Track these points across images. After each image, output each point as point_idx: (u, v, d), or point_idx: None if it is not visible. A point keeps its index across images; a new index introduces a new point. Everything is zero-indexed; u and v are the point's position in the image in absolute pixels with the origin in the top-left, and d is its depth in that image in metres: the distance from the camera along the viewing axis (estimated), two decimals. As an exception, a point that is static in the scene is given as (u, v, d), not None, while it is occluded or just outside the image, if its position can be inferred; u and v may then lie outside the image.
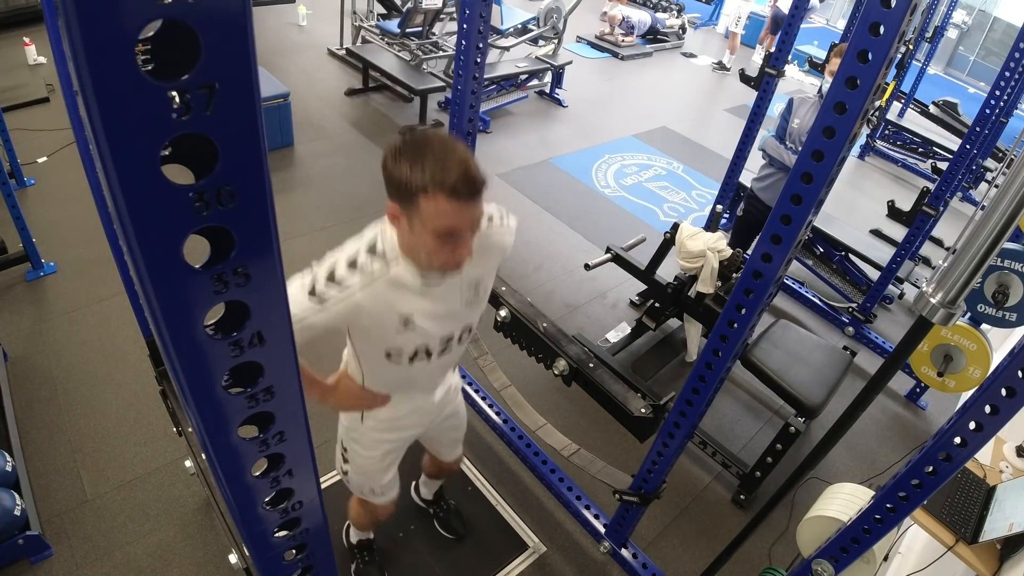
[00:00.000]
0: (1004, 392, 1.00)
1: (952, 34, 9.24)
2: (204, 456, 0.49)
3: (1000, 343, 3.14)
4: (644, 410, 1.87)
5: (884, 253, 3.75)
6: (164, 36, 0.29)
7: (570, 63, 6.16)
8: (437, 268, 1.19)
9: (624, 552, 2.26)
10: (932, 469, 1.13)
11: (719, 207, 4.11)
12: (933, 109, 6.39)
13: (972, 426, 1.05)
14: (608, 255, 3.19)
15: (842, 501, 1.52)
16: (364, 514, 1.85)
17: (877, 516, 1.25)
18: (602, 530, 2.31)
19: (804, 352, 2.72)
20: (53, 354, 2.73)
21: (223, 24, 0.30)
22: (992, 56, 9.49)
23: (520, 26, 6.18)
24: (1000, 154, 4.96)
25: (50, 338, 2.81)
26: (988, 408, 1.03)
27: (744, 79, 3.80)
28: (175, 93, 0.30)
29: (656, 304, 3.07)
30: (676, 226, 2.95)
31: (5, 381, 2.51)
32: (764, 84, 3.52)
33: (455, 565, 2.22)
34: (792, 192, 1.18)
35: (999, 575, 1.75)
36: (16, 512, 1.98)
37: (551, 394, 2.94)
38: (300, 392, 0.48)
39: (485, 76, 2.97)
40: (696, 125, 6.40)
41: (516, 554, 2.29)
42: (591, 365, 2.00)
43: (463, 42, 2.06)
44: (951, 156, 3.54)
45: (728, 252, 2.80)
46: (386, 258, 1.21)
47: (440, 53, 5.62)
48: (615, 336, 3.37)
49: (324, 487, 2.34)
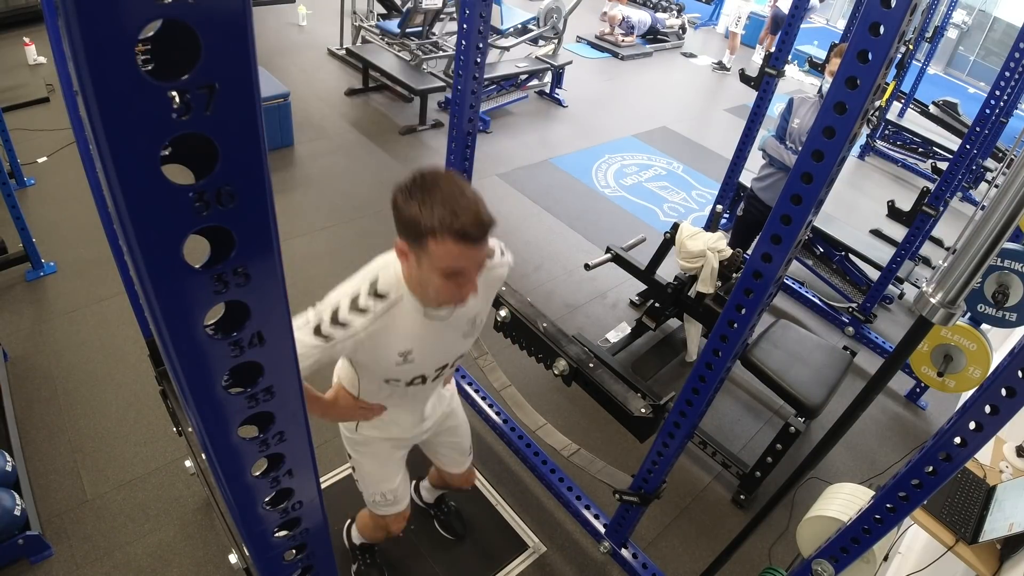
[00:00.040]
0: (1004, 392, 1.00)
1: (952, 34, 9.25)
2: (204, 456, 0.49)
3: (1000, 343, 3.14)
4: (644, 410, 1.88)
5: (884, 253, 3.75)
6: (164, 36, 0.29)
7: (570, 63, 6.17)
8: (442, 304, 1.25)
9: (624, 552, 2.26)
10: (932, 469, 1.13)
11: (719, 207, 4.11)
12: (933, 109, 6.39)
13: (972, 426, 1.06)
14: (608, 255, 3.19)
15: (842, 501, 1.52)
16: (375, 529, 1.83)
17: (877, 516, 1.25)
18: (602, 530, 2.31)
19: (804, 352, 2.72)
20: (53, 354, 2.73)
21: (223, 24, 0.30)
22: (992, 56, 9.49)
23: (520, 26, 6.18)
24: (1000, 154, 4.96)
25: (50, 338, 2.81)
26: (988, 408, 1.03)
27: (744, 79, 3.80)
28: (175, 93, 0.30)
29: (656, 304, 3.07)
30: (676, 226, 2.95)
31: (5, 381, 2.51)
32: (764, 84, 3.52)
33: (455, 565, 2.22)
34: (792, 192, 1.18)
35: (999, 575, 1.75)
36: (16, 512, 1.98)
37: (551, 394, 2.94)
38: (300, 392, 0.49)
39: (485, 76, 2.97)
40: (696, 125, 6.40)
41: (516, 554, 2.29)
42: (591, 365, 2.00)
43: (463, 42, 2.06)
44: (951, 156, 3.54)
45: (728, 252, 2.80)
46: (388, 298, 1.25)
47: (440, 53, 5.62)
48: (615, 336, 3.37)
49: (324, 487, 2.34)
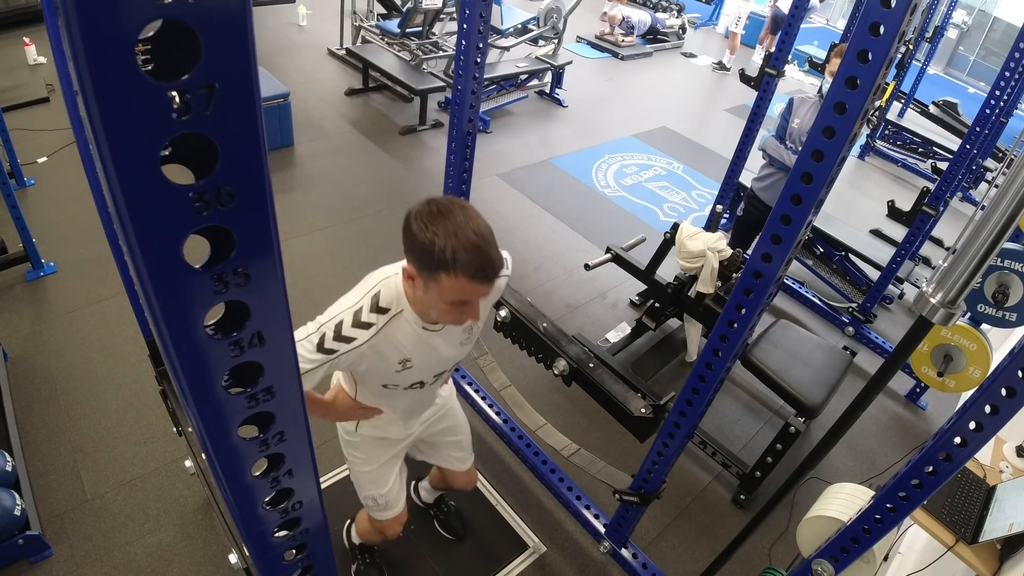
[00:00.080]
0: (1004, 392, 1.00)
1: (952, 34, 9.25)
2: (204, 456, 0.49)
3: (1000, 343, 3.14)
4: (644, 410, 1.87)
5: (884, 253, 3.75)
6: (164, 36, 0.29)
7: (570, 63, 6.16)
8: (444, 323, 1.31)
9: (624, 552, 2.26)
10: (932, 469, 1.13)
11: (719, 207, 4.11)
12: (933, 109, 6.39)
13: (972, 426, 1.05)
14: (608, 255, 3.18)
15: (842, 501, 1.51)
16: (373, 532, 1.83)
17: (877, 516, 1.25)
18: (602, 530, 2.31)
19: (804, 352, 2.72)
20: (53, 354, 2.73)
21: (223, 24, 0.30)
22: (992, 56, 9.49)
23: (520, 26, 6.18)
24: (1000, 154, 4.96)
25: (50, 338, 2.81)
26: (988, 408, 1.03)
27: (744, 79, 3.80)
28: (175, 93, 0.30)
29: (656, 304, 3.07)
30: (676, 226, 2.95)
31: (5, 381, 2.51)
32: (764, 84, 3.52)
33: (455, 565, 2.22)
34: (792, 192, 1.18)
35: (999, 575, 1.75)
36: (16, 512, 1.98)
37: (551, 394, 2.94)
38: (300, 392, 0.49)
39: (485, 76, 2.97)
40: (696, 125, 6.40)
41: (516, 554, 2.29)
42: (591, 365, 2.00)
43: (463, 42, 2.06)
44: (951, 156, 3.54)
45: (728, 252, 2.80)
46: (390, 311, 1.30)
47: (440, 53, 5.62)
48: (615, 336, 3.37)
49: (324, 487, 2.34)
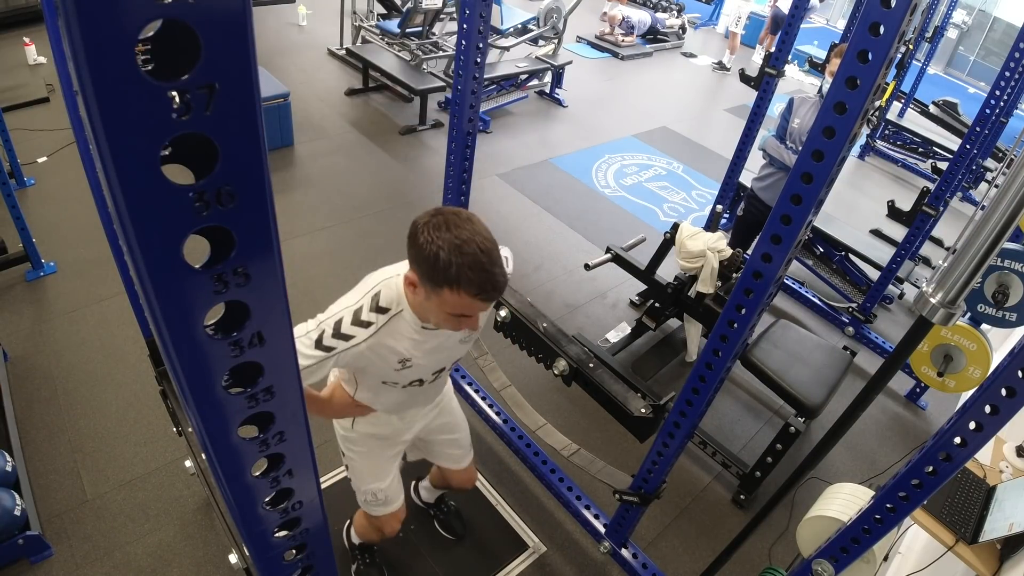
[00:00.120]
0: (1004, 392, 1.00)
1: (952, 34, 9.24)
2: (204, 456, 0.49)
3: (1000, 343, 3.14)
4: (644, 410, 1.87)
5: (884, 253, 3.75)
6: (164, 36, 0.29)
7: (570, 63, 6.16)
8: (442, 328, 1.32)
9: (624, 552, 2.26)
10: (932, 469, 1.13)
11: (719, 207, 4.11)
12: (933, 109, 6.39)
13: (972, 426, 1.05)
14: (608, 255, 3.18)
15: (842, 501, 1.52)
16: (371, 529, 1.84)
17: (877, 516, 1.25)
18: (602, 530, 2.31)
19: (804, 352, 2.72)
20: (53, 354, 2.73)
21: (223, 24, 0.30)
22: (992, 56, 9.49)
23: (520, 26, 6.18)
24: (1000, 154, 4.96)
25: (50, 338, 2.81)
26: (988, 408, 1.03)
27: (744, 79, 3.80)
28: (175, 93, 0.30)
29: (656, 304, 3.07)
30: (676, 226, 2.95)
31: (5, 381, 2.51)
32: (764, 84, 3.52)
33: (455, 565, 2.22)
34: (792, 192, 1.18)
35: (999, 575, 1.75)
36: (16, 512, 1.98)
37: (551, 394, 2.94)
38: (300, 392, 0.49)
39: (485, 76, 2.97)
40: (696, 125, 6.40)
41: (516, 554, 2.29)
42: (591, 365, 2.00)
43: (463, 42, 2.06)
44: (951, 156, 3.54)
45: (728, 252, 2.80)
46: (390, 311, 1.30)
47: (440, 53, 5.62)
48: (615, 336, 3.37)
49: (324, 487, 2.34)
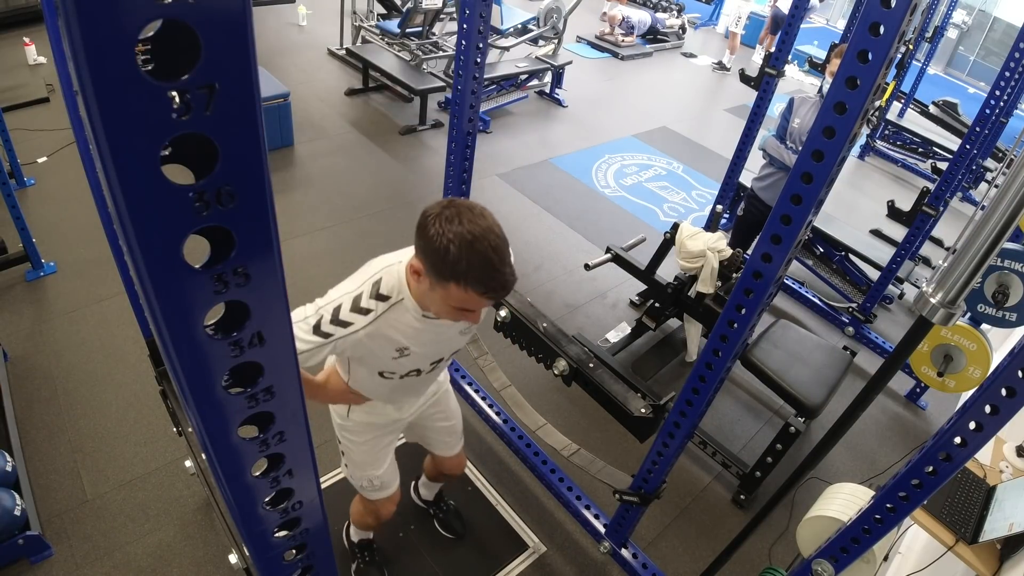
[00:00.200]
0: (1004, 392, 1.00)
1: (952, 34, 9.24)
2: (204, 456, 0.49)
3: (1000, 343, 3.14)
4: (644, 410, 1.87)
5: (884, 253, 3.75)
6: (164, 36, 0.29)
7: (570, 63, 6.16)
8: (442, 319, 1.30)
9: (624, 552, 2.26)
10: (932, 469, 1.13)
11: (719, 207, 4.11)
12: (933, 109, 6.38)
13: (972, 426, 1.05)
14: (608, 255, 3.18)
15: (842, 501, 1.52)
16: (366, 514, 1.86)
17: (877, 516, 1.25)
18: (602, 530, 2.31)
19: (804, 352, 2.72)
20: (53, 354, 2.73)
21: (223, 24, 0.30)
22: (992, 56, 9.49)
23: (520, 26, 6.18)
24: (1000, 154, 4.96)
25: (50, 338, 2.81)
26: (988, 408, 1.03)
27: (744, 79, 3.80)
28: (175, 93, 0.30)
29: (656, 304, 3.07)
30: (676, 226, 2.95)
31: (5, 381, 2.51)
32: (764, 84, 3.52)
33: (455, 565, 2.22)
34: (792, 192, 1.18)
35: (999, 575, 1.75)
36: (16, 512, 1.98)
37: (551, 394, 2.94)
38: (300, 392, 0.49)
39: (485, 76, 2.97)
40: (696, 125, 6.40)
41: (516, 554, 2.29)
42: (591, 365, 2.00)
43: (463, 42, 2.06)
44: (951, 156, 3.54)
45: (728, 252, 2.80)
46: (390, 299, 1.29)
47: (440, 53, 5.62)
48: (615, 336, 3.37)
49: (324, 487, 2.34)
